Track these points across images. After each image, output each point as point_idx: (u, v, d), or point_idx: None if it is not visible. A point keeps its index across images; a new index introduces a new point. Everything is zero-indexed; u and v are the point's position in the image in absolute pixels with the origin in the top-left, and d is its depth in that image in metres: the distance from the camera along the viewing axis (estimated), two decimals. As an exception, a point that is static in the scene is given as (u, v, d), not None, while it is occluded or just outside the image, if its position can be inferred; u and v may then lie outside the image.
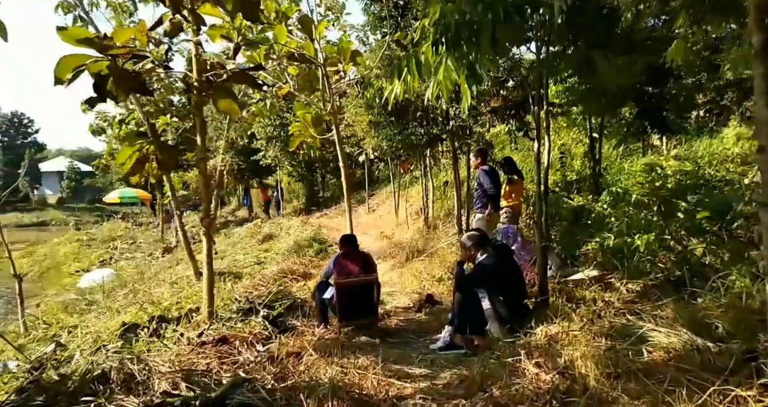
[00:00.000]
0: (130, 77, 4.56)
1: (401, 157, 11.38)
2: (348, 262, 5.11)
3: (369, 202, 16.90)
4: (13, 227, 45.04)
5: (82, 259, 18.47)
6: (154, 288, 9.76)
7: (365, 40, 9.55)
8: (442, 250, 8.18)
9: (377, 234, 12.50)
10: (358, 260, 5.15)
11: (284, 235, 13.60)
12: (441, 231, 9.51)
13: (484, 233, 4.70)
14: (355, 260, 5.13)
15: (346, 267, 5.07)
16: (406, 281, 7.35)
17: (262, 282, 8.12)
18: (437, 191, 11.94)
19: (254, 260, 10.85)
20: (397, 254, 9.18)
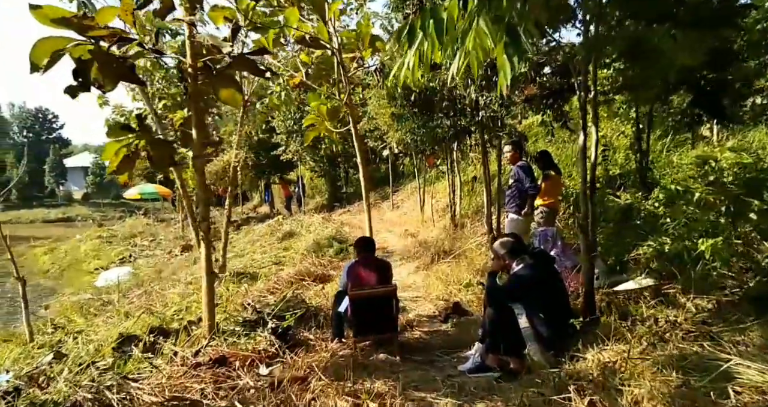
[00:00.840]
0: (117, 63, 4.05)
1: (426, 151, 10.73)
2: (363, 270, 4.53)
3: (393, 198, 16.31)
4: (40, 223, 46.07)
5: (102, 256, 18.37)
6: (169, 289, 9.41)
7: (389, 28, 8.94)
8: (471, 251, 7.53)
9: (401, 232, 11.90)
10: (375, 268, 4.56)
11: (305, 233, 13.11)
12: (469, 230, 8.85)
13: (519, 238, 4.05)
14: (371, 269, 4.54)
15: (362, 277, 4.49)
16: (431, 285, 6.74)
17: (277, 285, 7.64)
18: (465, 186, 11.27)
19: (272, 260, 10.37)
20: (421, 254, 8.56)
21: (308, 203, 21.69)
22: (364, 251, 4.68)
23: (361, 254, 4.68)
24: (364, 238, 5.00)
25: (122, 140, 4.32)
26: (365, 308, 4.31)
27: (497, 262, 3.95)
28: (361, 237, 5.10)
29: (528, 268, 3.74)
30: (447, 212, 11.80)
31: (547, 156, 6.22)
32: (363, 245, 4.73)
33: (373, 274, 4.47)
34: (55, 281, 17.39)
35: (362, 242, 4.79)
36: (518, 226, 5.91)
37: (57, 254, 21.15)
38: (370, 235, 6.34)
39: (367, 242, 4.79)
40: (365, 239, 4.90)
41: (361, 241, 4.84)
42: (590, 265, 4.18)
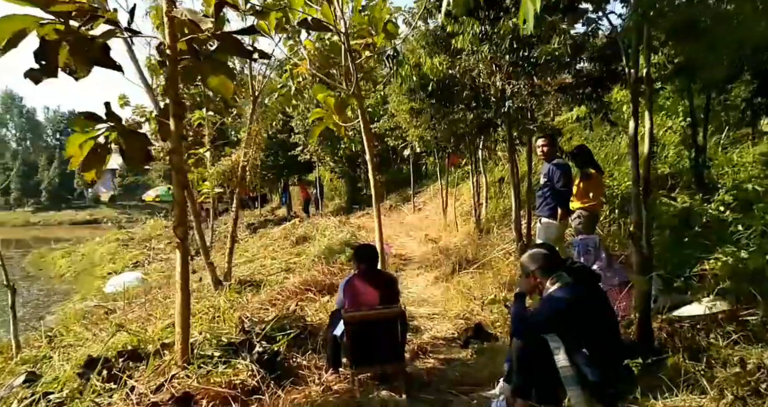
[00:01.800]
0: (90, 45, 3.38)
1: (448, 149, 9.89)
2: (363, 286, 3.73)
3: (414, 200, 15.48)
4: (68, 225, 46.68)
5: (117, 260, 17.99)
6: (173, 297, 8.80)
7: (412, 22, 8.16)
8: (497, 261, 6.69)
9: (422, 237, 11.09)
10: (378, 284, 3.76)
11: (319, 237, 12.39)
12: (495, 236, 7.99)
13: (554, 250, 3.21)
14: (373, 284, 3.74)
15: (360, 294, 3.69)
16: (450, 299, 5.92)
17: (280, 296, 6.92)
18: (491, 188, 10.39)
19: (281, 267, 9.68)
20: (442, 263, 7.74)
21: (327, 205, 21.02)
22: (364, 263, 3.89)
23: (362, 265, 3.89)
24: (364, 246, 4.21)
25: (89, 132, 3.64)
26: (364, 333, 3.52)
27: (527, 280, 3.12)
28: (361, 245, 4.31)
29: (566, 289, 2.90)
30: (471, 215, 10.95)
31: (586, 152, 5.35)
32: (363, 256, 3.94)
33: (375, 291, 3.67)
34: (70, 286, 17.07)
35: (362, 252, 4.00)
36: (552, 233, 5.06)
37: (74, 258, 20.93)
38: (381, 243, 5.57)
39: (368, 252, 3.99)
40: (366, 248, 4.11)
41: (362, 250, 4.05)
42: (647, 283, 3.33)
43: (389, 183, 19.74)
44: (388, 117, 15.61)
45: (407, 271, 8.23)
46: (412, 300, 6.22)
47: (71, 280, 17.51)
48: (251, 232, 18.40)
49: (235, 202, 9.41)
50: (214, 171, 9.82)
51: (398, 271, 8.18)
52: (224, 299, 7.10)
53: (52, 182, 57.39)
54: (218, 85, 4.02)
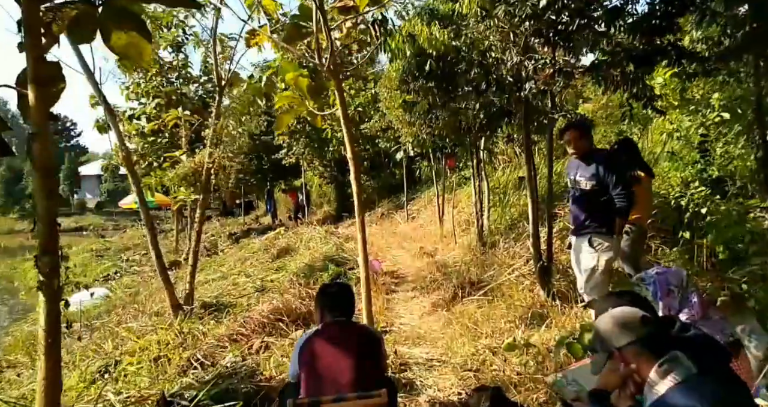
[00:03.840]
0: None
1: (446, 148, 8.64)
2: (329, 354, 2.41)
3: (408, 208, 14.21)
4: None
5: (88, 272, 16.61)
6: (130, 321, 7.51)
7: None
8: (509, 286, 5.42)
9: (416, 250, 9.80)
10: (352, 349, 2.44)
11: (303, 250, 11.10)
12: (502, 252, 6.72)
13: (652, 309, 1.91)
14: (344, 351, 2.42)
15: (324, 368, 2.36)
16: (453, 338, 4.64)
17: (245, 328, 5.63)
18: (494, 194, 9.13)
19: (256, 286, 8.37)
20: (440, 285, 6.46)
21: (315, 212, 19.70)
22: (332, 313, 2.60)
23: (328, 317, 2.61)
24: (333, 287, 2.89)
25: None
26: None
27: (611, 368, 1.78)
28: (325, 285, 2.96)
29: (691, 388, 1.58)
30: (472, 225, 9.69)
31: (632, 147, 4.11)
32: (331, 302, 2.64)
33: (349, 362, 2.37)
34: (36, 300, 15.65)
35: (329, 296, 2.69)
36: (607, 256, 3.77)
37: (43, 269, 19.47)
38: (365, 262, 4.31)
39: (338, 296, 2.67)
40: (335, 290, 2.79)
41: (328, 293, 2.73)
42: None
43: (380, 189, 18.47)
44: (379, 117, 14.45)
45: (399, 294, 6.95)
46: (404, 337, 4.94)
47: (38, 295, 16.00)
48: (233, 242, 17.07)
49: (198, 211, 8.10)
50: (174, 175, 8.50)
51: (389, 293, 6.89)
52: (176, 331, 5.83)
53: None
54: (126, 47, 2.72)
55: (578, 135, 3.93)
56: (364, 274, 4.29)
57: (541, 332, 4.19)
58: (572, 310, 4.50)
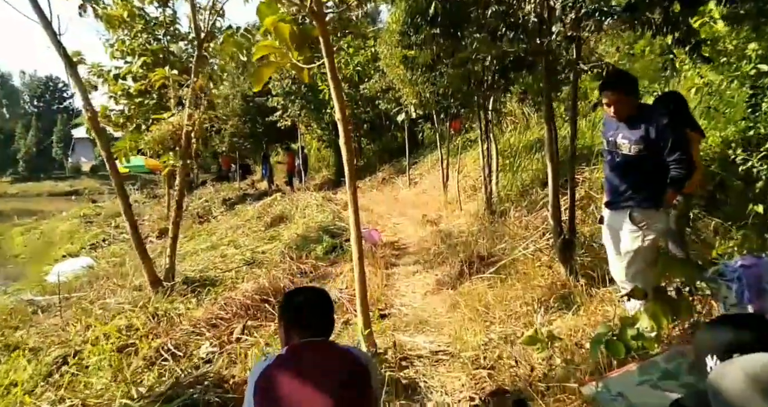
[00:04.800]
0: None
1: (451, 108, 7.87)
2: (296, 387, 1.71)
3: (410, 172, 13.49)
4: (47, 196, 44.58)
5: (75, 240, 16.05)
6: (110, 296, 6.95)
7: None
8: (524, 261, 4.79)
9: (418, 218, 9.16)
10: (326, 380, 1.74)
11: (298, 217, 10.48)
12: (514, 222, 6.07)
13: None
14: (317, 382, 1.72)
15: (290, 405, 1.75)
16: (462, 324, 4.03)
17: (225, 311, 5.05)
18: (503, 158, 8.41)
19: (245, 259, 7.76)
20: (446, 258, 5.84)
21: (314, 177, 18.97)
22: (301, 331, 1.92)
23: (293, 336, 1.92)
24: (297, 295, 2.07)
25: None
26: None
27: None
28: (292, 293, 2.13)
29: None
30: (478, 191, 9.01)
31: (681, 103, 3.38)
32: (297, 316, 1.95)
33: (322, 399, 1.68)
34: (22, 268, 15.17)
35: (295, 308, 1.98)
36: (654, 233, 3.09)
37: (32, 236, 18.96)
38: (358, 239, 3.68)
39: (306, 308, 1.97)
40: (302, 299, 2.02)
41: (293, 305, 2.00)
42: None
43: (381, 153, 17.70)
44: (379, 77, 13.61)
45: (400, 268, 6.33)
46: (405, 322, 4.34)
47: (25, 261, 15.57)
48: (227, 208, 16.42)
49: (178, 178, 7.43)
50: (150, 138, 7.79)
51: (389, 268, 6.28)
52: (149, 313, 5.25)
53: (30, 151, 54.92)
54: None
55: (622, 95, 3.16)
56: (357, 250, 3.67)
57: (567, 319, 3.57)
58: (599, 291, 3.87)
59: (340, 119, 3.69)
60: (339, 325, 4.41)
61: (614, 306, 3.50)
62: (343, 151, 3.75)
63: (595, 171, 5.72)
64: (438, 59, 6.52)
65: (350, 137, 3.77)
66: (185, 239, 12.07)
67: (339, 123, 3.70)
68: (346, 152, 3.74)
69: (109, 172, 6.54)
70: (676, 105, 3.33)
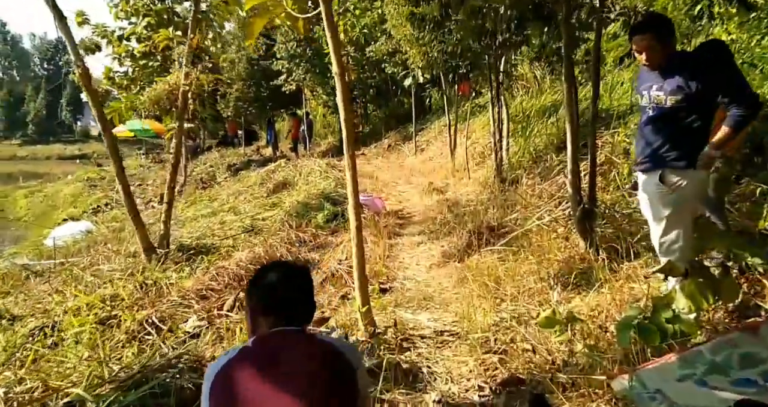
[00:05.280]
0: None
1: (460, 69, 7.37)
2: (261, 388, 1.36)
3: (416, 139, 13.03)
4: (56, 159, 44.56)
5: (78, 203, 15.87)
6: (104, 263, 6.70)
7: None
8: (538, 232, 4.41)
9: (425, 185, 8.78)
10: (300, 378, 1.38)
11: (302, 184, 10.12)
12: (527, 191, 5.67)
13: None
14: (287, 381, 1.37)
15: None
16: (470, 300, 3.69)
17: (217, 281, 4.75)
18: (514, 123, 7.96)
19: (244, 225, 7.45)
20: (453, 228, 5.48)
21: (319, 143, 18.53)
22: (268, 316, 1.56)
23: (263, 322, 1.56)
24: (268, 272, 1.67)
25: None
26: None
27: None
28: (262, 271, 1.71)
29: None
30: (487, 158, 8.59)
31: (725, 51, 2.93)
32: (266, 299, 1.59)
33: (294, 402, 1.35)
34: (24, 232, 15.03)
35: (263, 289, 1.62)
36: (688, 195, 2.68)
37: (36, 199, 18.82)
38: (356, 202, 3.33)
39: (275, 286, 1.59)
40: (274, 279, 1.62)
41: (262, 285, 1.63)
42: None
43: (388, 119, 17.19)
44: (385, 39, 13.06)
45: (404, 238, 5.99)
46: (408, 298, 4.01)
47: (27, 224, 15.43)
48: (231, 174, 16.09)
49: (174, 141, 7.06)
50: (146, 98, 7.38)
51: (392, 237, 5.94)
52: (138, 282, 4.96)
53: (39, 114, 54.80)
54: None
55: (654, 39, 2.73)
56: (355, 219, 3.32)
57: (588, 298, 3.22)
58: (623, 266, 3.51)
59: (337, 73, 3.27)
60: (336, 299, 4.10)
61: (644, 283, 3.13)
62: (340, 109, 3.34)
63: (616, 135, 5.28)
64: (446, 15, 6.03)
65: (348, 94, 3.36)
66: (186, 205, 11.80)
67: (336, 78, 3.28)
68: (344, 111, 3.33)
69: (102, 133, 6.19)
70: (719, 54, 2.89)
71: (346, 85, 3.35)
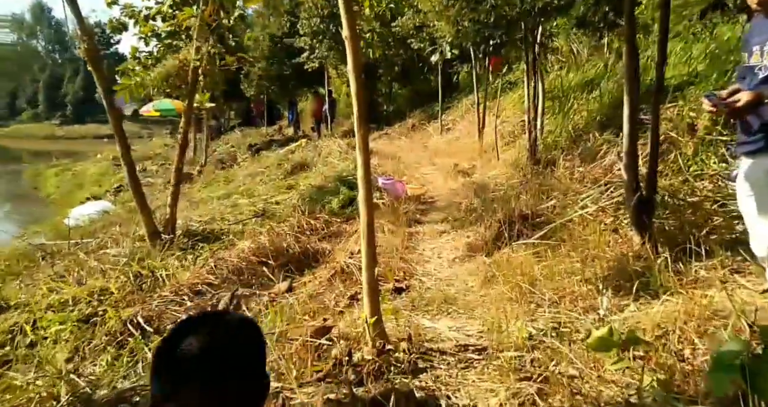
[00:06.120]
0: None
1: (492, 38, 6.64)
2: None
3: (442, 118, 12.32)
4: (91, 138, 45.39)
5: (103, 182, 15.79)
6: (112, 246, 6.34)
7: None
8: (580, 224, 3.78)
9: (450, 167, 8.15)
10: None
11: (320, 165, 9.61)
12: (564, 173, 5.01)
13: None
14: None
15: None
16: (499, 305, 3.11)
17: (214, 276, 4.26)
18: (550, 101, 7.23)
19: (256, 209, 6.96)
20: (480, 217, 4.87)
21: (342, 123, 17.93)
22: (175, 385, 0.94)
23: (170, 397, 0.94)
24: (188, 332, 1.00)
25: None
26: None
27: None
28: (175, 332, 1.02)
29: None
30: (519, 138, 7.90)
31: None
32: (174, 379, 0.95)
33: None
34: (50, 209, 15.00)
35: (172, 361, 0.97)
36: None
37: (65, 177, 18.88)
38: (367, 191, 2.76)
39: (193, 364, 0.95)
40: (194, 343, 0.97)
41: (173, 355, 0.97)
42: None
43: (413, 97, 16.47)
44: (413, 13, 12.41)
45: (425, 226, 5.40)
46: (427, 299, 3.43)
47: (54, 202, 15.43)
48: (252, 154, 15.67)
49: (183, 119, 6.58)
50: (156, 74, 6.88)
51: (413, 225, 5.36)
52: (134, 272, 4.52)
53: (77, 95, 56.36)
54: None
55: None
56: (365, 212, 2.76)
57: (650, 309, 2.60)
58: (691, 268, 2.87)
59: (347, 37, 2.67)
60: (344, 300, 3.55)
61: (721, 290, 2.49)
62: (351, 80, 2.74)
63: (677, 109, 4.54)
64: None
65: (360, 62, 2.75)
66: (202, 186, 11.44)
67: (346, 43, 2.68)
68: (355, 82, 2.73)
69: (107, 110, 5.80)
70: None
71: (357, 51, 2.76)
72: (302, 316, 3.26)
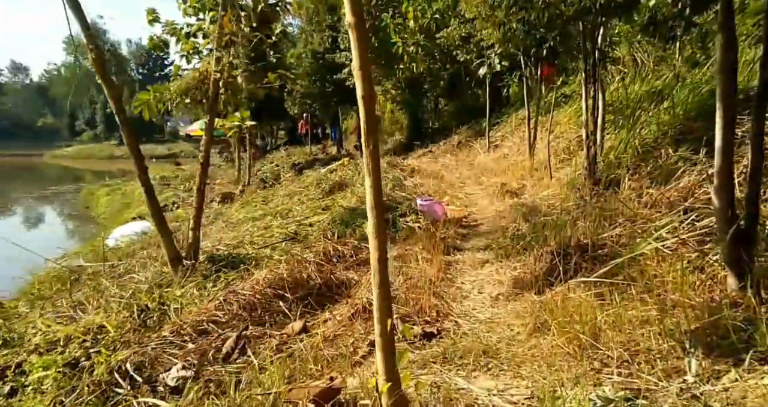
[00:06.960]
0: None
1: (545, 42, 5.99)
2: None
3: (490, 134, 11.65)
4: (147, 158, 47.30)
5: (150, 203, 15.88)
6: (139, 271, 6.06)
7: None
8: (655, 258, 3.07)
9: (496, 187, 7.50)
10: None
11: (359, 185, 9.13)
12: (630, 195, 4.29)
13: None
14: None
15: None
16: (551, 358, 2.46)
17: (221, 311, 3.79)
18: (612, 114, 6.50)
19: (287, 232, 6.51)
20: (529, 245, 4.21)
21: (386, 141, 17.52)
22: None
23: None
24: None
25: None
26: None
27: None
28: None
29: None
30: (575, 155, 7.16)
31: None
32: None
33: None
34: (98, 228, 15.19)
35: None
36: None
37: (115, 197, 19.23)
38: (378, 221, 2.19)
39: None
40: None
41: None
42: None
43: (459, 113, 15.85)
44: (458, 23, 11.91)
45: (466, 254, 4.77)
46: (462, 349, 2.81)
47: (102, 222, 15.61)
48: (296, 173, 15.44)
49: (205, 137, 6.22)
50: (175, 86, 6.60)
51: (451, 253, 4.75)
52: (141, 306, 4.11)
53: (133, 115, 58.71)
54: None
55: None
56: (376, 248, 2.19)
57: (764, 384, 1.91)
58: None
59: (351, 24, 2.14)
60: (364, 347, 2.98)
61: None
62: (357, 79, 2.20)
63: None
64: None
65: (367, 57, 2.21)
66: (240, 206, 11.18)
67: (350, 30, 2.15)
68: (362, 83, 2.18)
69: (120, 127, 5.50)
70: None
71: (365, 43, 2.22)
72: (313, 366, 2.72)
